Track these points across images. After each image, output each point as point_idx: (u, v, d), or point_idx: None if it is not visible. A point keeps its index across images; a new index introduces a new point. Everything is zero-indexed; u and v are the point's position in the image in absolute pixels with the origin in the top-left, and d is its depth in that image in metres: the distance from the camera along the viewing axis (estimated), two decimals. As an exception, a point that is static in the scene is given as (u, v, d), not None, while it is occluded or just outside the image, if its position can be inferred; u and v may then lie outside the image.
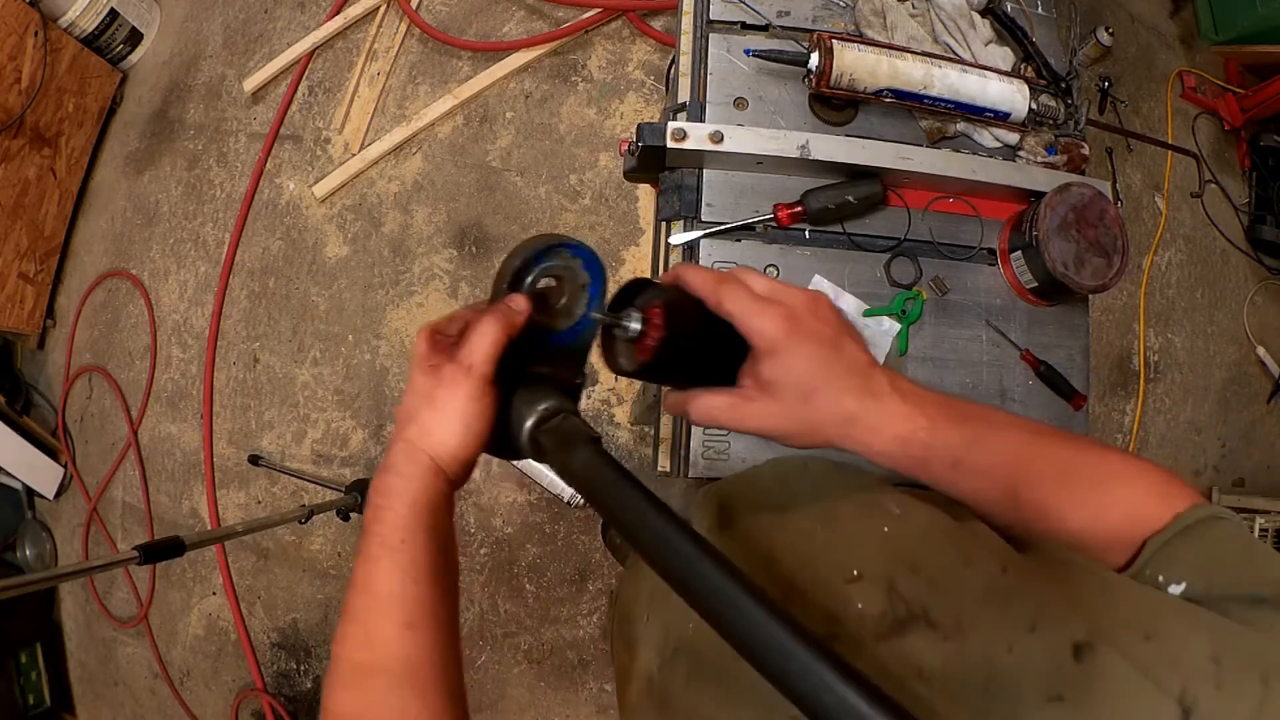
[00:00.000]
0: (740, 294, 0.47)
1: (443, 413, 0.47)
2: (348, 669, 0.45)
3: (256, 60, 2.26)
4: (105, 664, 2.09)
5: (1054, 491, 0.46)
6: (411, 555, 0.46)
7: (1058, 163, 0.97)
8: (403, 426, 0.48)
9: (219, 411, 2.08)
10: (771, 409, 0.47)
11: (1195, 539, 0.41)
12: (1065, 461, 0.48)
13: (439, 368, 0.47)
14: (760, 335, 0.47)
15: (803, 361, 0.46)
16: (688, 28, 0.96)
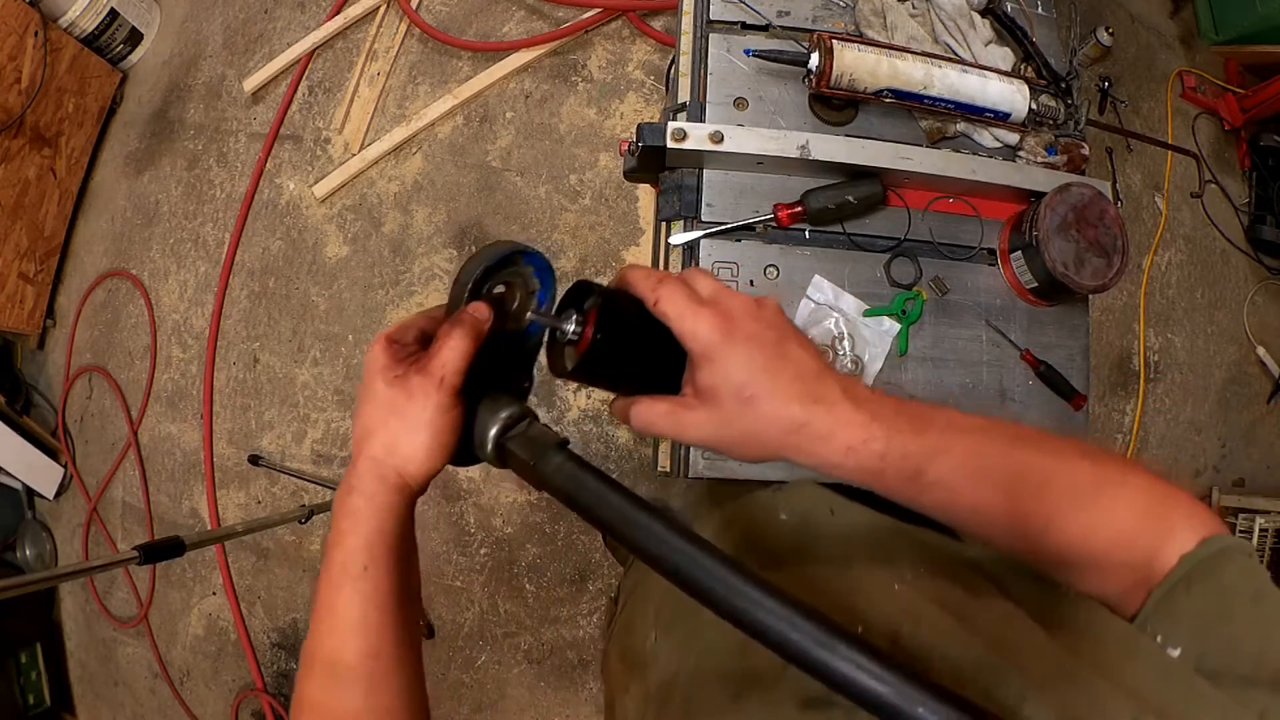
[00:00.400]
0: (678, 295, 0.45)
1: (412, 426, 0.46)
2: (315, 685, 0.46)
3: (256, 60, 2.26)
4: (105, 664, 2.09)
5: (1032, 506, 0.43)
6: (374, 582, 0.45)
7: (1058, 163, 0.97)
8: (364, 442, 0.46)
9: (219, 411, 2.08)
10: (710, 417, 0.44)
11: (1197, 594, 0.39)
12: (1045, 472, 0.44)
13: (405, 379, 0.46)
14: (694, 339, 0.44)
15: (740, 366, 0.43)
16: (688, 28, 0.96)
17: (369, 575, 0.45)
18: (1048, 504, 0.43)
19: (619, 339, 0.47)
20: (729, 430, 0.44)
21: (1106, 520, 0.42)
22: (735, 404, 0.43)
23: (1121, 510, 0.43)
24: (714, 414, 0.44)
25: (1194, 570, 0.40)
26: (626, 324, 0.47)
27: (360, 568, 0.45)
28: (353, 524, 0.45)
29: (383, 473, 0.46)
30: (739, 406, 0.43)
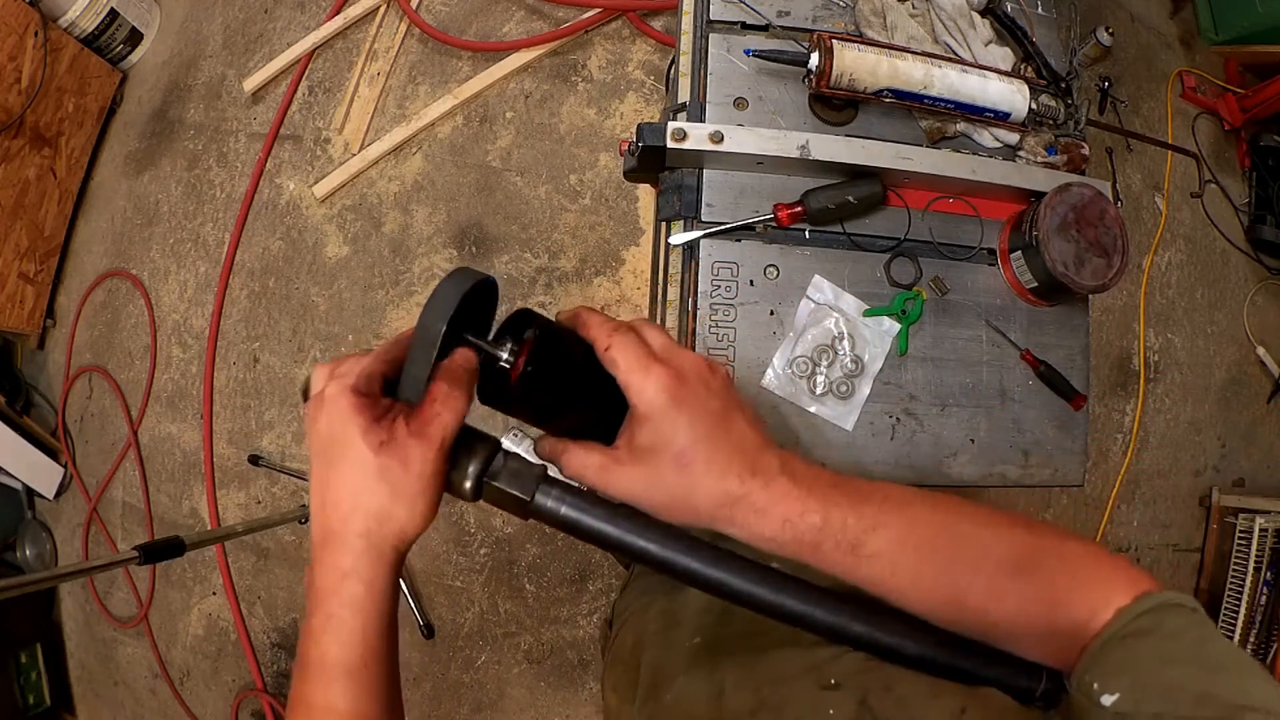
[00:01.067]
0: (630, 347, 0.44)
1: (409, 494, 0.42)
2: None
3: (256, 60, 2.26)
4: (105, 664, 2.09)
5: (970, 578, 0.43)
6: (375, 674, 0.42)
7: (1058, 163, 0.97)
8: (350, 516, 0.42)
9: (219, 411, 2.08)
10: (642, 476, 0.44)
11: (1135, 642, 0.39)
12: (981, 543, 0.44)
13: (397, 445, 0.41)
14: (640, 395, 0.43)
15: (682, 432, 0.43)
16: (688, 28, 0.96)
17: (369, 670, 0.42)
18: (984, 574, 0.43)
19: (553, 374, 0.46)
20: (659, 492, 0.44)
21: (1044, 588, 0.42)
22: (671, 468, 0.43)
23: (1059, 577, 0.42)
24: (647, 473, 0.43)
25: (1131, 622, 0.39)
26: (564, 361, 0.47)
27: (361, 662, 0.41)
28: (350, 612, 0.41)
29: (380, 550, 0.42)
30: (674, 471, 0.43)
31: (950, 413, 0.93)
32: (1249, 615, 1.88)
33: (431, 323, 0.44)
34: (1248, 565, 1.90)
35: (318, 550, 0.43)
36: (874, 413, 0.92)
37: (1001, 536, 0.44)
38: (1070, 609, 0.41)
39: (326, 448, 0.42)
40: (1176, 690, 0.36)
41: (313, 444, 0.44)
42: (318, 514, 0.43)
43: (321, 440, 0.43)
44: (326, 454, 0.42)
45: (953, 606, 0.44)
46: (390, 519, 0.42)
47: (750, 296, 0.91)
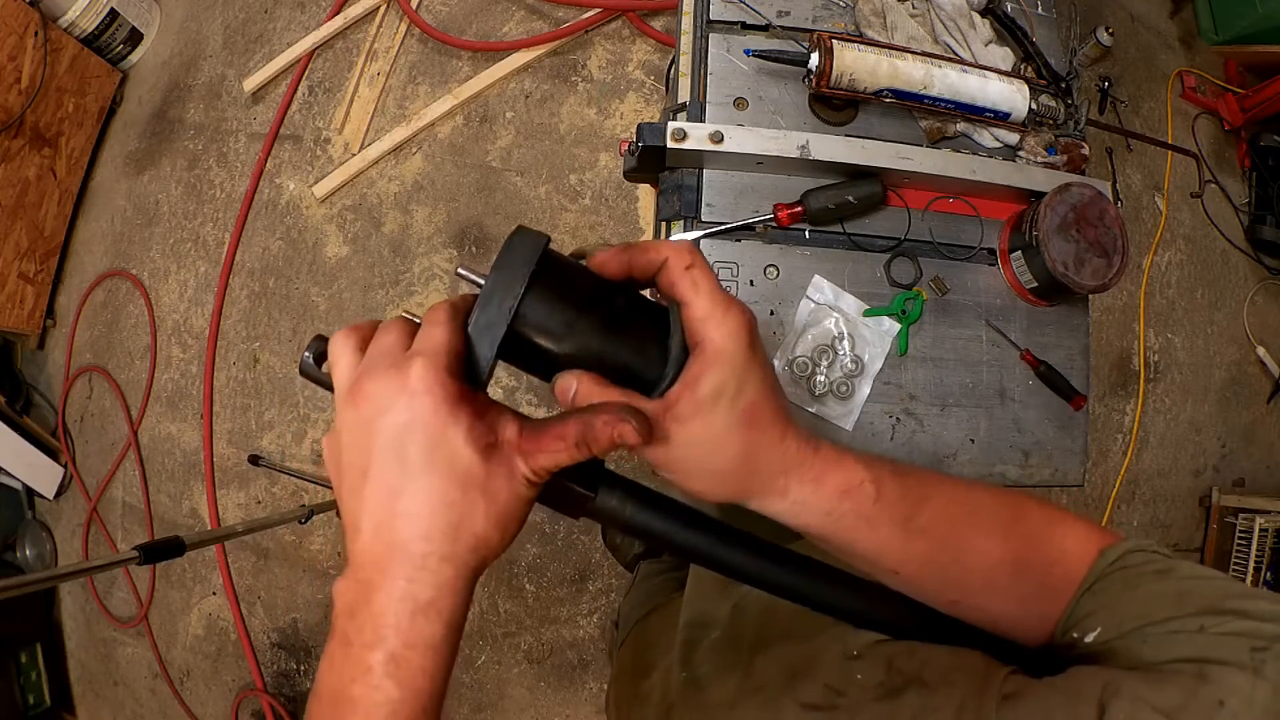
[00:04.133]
0: (710, 282, 0.38)
1: (503, 515, 0.35)
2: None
3: (256, 60, 2.26)
4: (105, 664, 2.09)
5: (998, 554, 0.42)
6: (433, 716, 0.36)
7: (1058, 163, 0.97)
8: (434, 537, 0.34)
9: (219, 411, 2.08)
10: (704, 435, 0.37)
11: (1100, 588, 0.40)
12: (1004, 519, 0.43)
13: (498, 451, 0.35)
14: (720, 330, 0.36)
15: (753, 383, 0.37)
16: (688, 28, 0.96)
17: (428, 714, 0.35)
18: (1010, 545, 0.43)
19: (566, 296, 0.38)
20: (720, 456, 0.38)
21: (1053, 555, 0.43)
22: (740, 424, 0.37)
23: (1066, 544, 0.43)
24: (709, 430, 0.37)
25: (1097, 575, 0.41)
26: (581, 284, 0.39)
27: (420, 709, 0.34)
28: (426, 656, 0.34)
29: (466, 579, 0.35)
30: (742, 428, 0.37)
31: (950, 413, 0.93)
32: (1249, 615, 1.88)
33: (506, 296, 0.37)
34: (1248, 565, 1.90)
35: (375, 571, 0.34)
36: (874, 413, 0.92)
37: (1013, 509, 0.44)
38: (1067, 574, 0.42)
39: (404, 444, 0.34)
40: (1152, 602, 0.37)
41: (370, 438, 0.34)
42: (376, 527, 0.35)
43: (397, 434, 0.34)
44: (403, 452, 0.34)
45: (985, 584, 0.43)
46: (484, 540, 0.35)
47: (750, 296, 0.91)
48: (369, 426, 0.35)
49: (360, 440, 0.35)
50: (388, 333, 0.37)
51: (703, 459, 0.38)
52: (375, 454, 0.35)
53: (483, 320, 0.37)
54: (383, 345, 0.37)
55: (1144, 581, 0.39)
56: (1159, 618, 0.36)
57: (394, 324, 0.38)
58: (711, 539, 0.42)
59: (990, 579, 0.42)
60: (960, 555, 0.42)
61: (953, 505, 0.42)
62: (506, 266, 0.37)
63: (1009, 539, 0.43)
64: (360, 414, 0.35)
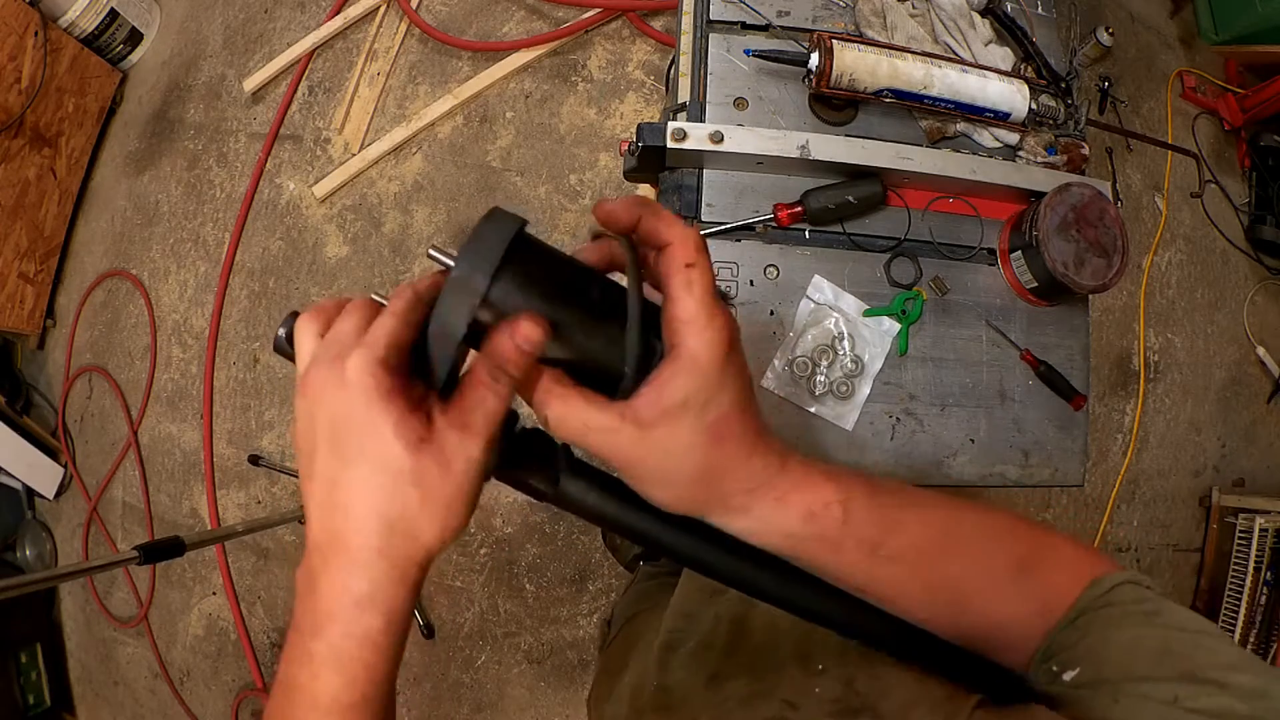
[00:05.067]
0: (705, 285, 0.35)
1: (442, 502, 0.34)
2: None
3: (256, 60, 2.26)
4: (105, 664, 2.09)
5: (974, 582, 0.41)
6: (376, 709, 0.36)
7: (1058, 163, 0.97)
8: (368, 528, 0.34)
9: (219, 411, 2.08)
10: (665, 445, 0.35)
11: (1089, 620, 0.39)
12: (987, 546, 0.42)
13: (430, 441, 0.33)
14: (701, 338, 0.34)
15: (727, 395, 0.35)
16: (688, 28, 0.96)
17: (370, 705, 0.35)
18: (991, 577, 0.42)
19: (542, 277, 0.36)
20: (681, 467, 0.36)
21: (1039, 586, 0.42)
22: (704, 437, 0.35)
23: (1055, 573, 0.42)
24: (671, 441, 0.35)
25: (1085, 606, 0.39)
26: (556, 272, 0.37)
27: (361, 699, 0.35)
28: (363, 648, 0.34)
29: (404, 571, 0.34)
30: (707, 442, 0.36)
31: (950, 413, 0.93)
32: (1249, 615, 1.88)
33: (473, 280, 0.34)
34: (1248, 565, 1.90)
35: (319, 558, 0.35)
36: (874, 413, 0.92)
37: (997, 536, 0.43)
38: (1053, 606, 0.41)
39: (339, 436, 0.34)
40: (1134, 651, 0.36)
41: (314, 427, 0.35)
42: (319, 515, 0.35)
43: (332, 426, 0.34)
44: (338, 444, 0.34)
45: (954, 610, 0.42)
46: (420, 533, 0.34)
47: (750, 296, 0.91)
48: (312, 416, 0.35)
49: (306, 428, 0.36)
50: (346, 319, 0.37)
51: (663, 467, 0.37)
52: (318, 444, 0.35)
53: (445, 309, 0.35)
54: (336, 333, 0.36)
55: (1130, 623, 0.38)
56: (1137, 674, 0.35)
57: (355, 308, 0.37)
58: (677, 531, 0.41)
59: (965, 604, 0.41)
60: (932, 581, 0.41)
61: (929, 530, 0.41)
62: (476, 251, 0.34)
63: (991, 564, 0.42)
64: (306, 402, 0.35)
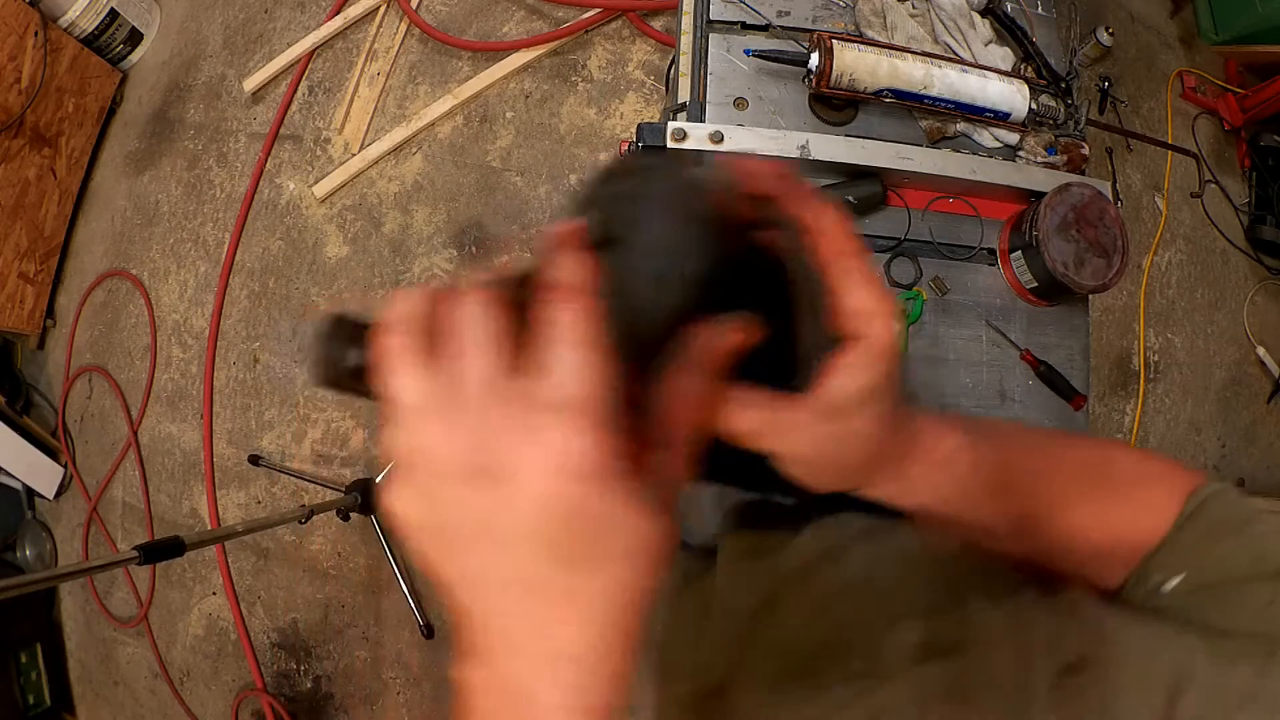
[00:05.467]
0: (873, 271, 0.33)
1: (639, 557, 0.27)
2: None
3: (256, 60, 2.26)
4: (105, 664, 2.09)
5: (1075, 506, 0.42)
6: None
7: (1058, 163, 0.97)
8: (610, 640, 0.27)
9: (219, 411, 2.08)
10: (851, 432, 0.34)
11: (1188, 530, 0.40)
12: (1093, 474, 0.43)
13: (668, 510, 0.28)
14: (873, 325, 0.32)
15: (895, 380, 0.34)
16: (688, 28, 0.96)
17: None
18: (1091, 500, 0.43)
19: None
20: (848, 449, 0.35)
21: (1139, 507, 0.43)
22: (878, 422, 0.35)
23: (1154, 493, 0.43)
24: (851, 427, 0.34)
25: (1182, 520, 0.41)
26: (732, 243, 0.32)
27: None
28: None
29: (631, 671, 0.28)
30: (881, 425, 0.35)
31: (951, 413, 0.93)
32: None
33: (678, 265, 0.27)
34: (1248, 565, 1.90)
35: (515, 679, 0.28)
36: (874, 413, 0.92)
37: (1101, 463, 0.44)
38: (1153, 526, 0.41)
39: (561, 537, 0.26)
40: (1231, 557, 0.38)
41: (504, 525, 0.26)
42: (528, 636, 0.28)
43: (546, 523, 0.26)
44: (557, 546, 0.26)
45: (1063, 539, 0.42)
46: (645, 610, 0.29)
47: (750, 296, 0.91)
48: (489, 511, 0.26)
49: (472, 521, 0.27)
50: (477, 344, 0.27)
51: (838, 455, 0.35)
52: (513, 547, 0.27)
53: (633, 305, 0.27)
54: (478, 372, 0.26)
55: (1226, 532, 0.39)
56: (1235, 577, 0.36)
57: (479, 321, 0.27)
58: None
59: (1072, 532, 0.42)
60: (1051, 512, 0.42)
61: (1043, 465, 0.42)
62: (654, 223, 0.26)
63: (1097, 491, 0.43)
64: (467, 491, 0.26)
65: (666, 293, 0.27)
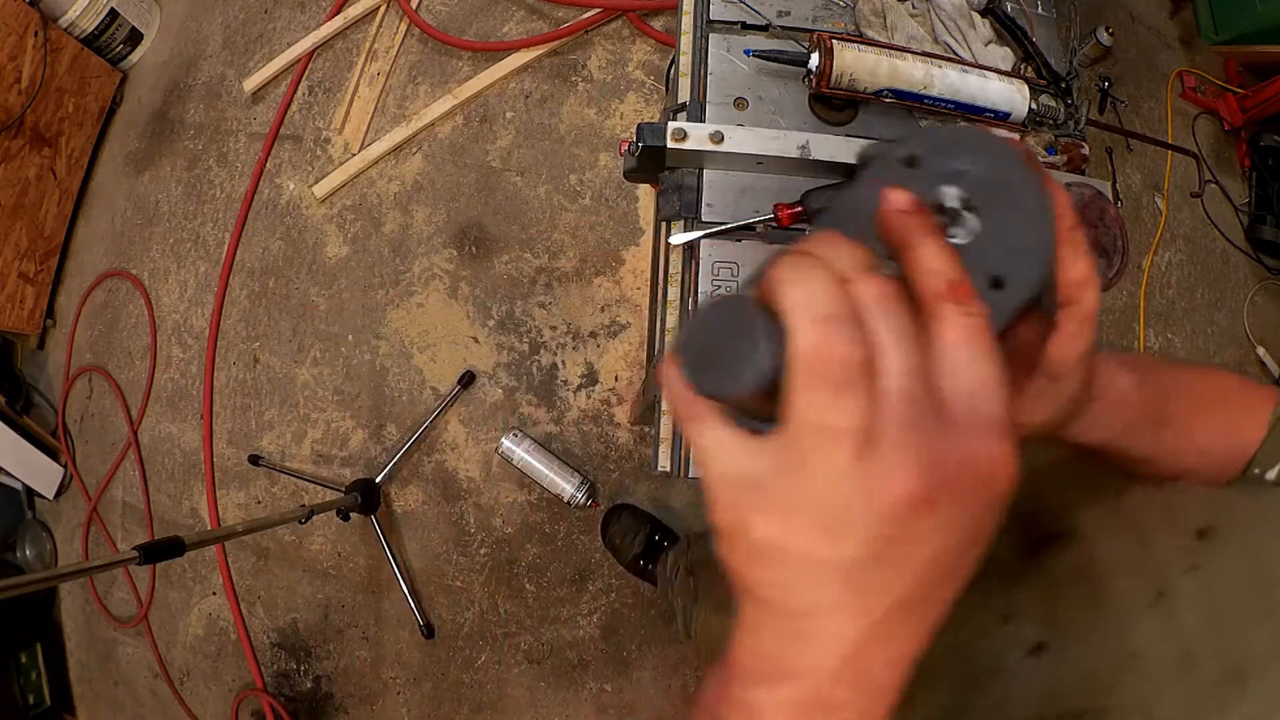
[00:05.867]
0: (1084, 242, 0.36)
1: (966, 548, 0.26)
2: None
3: (256, 60, 2.26)
4: (105, 664, 2.09)
5: (1211, 431, 0.44)
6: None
7: (1058, 163, 0.97)
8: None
9: (219, 411, 2.08)
10: (1070, 388, 0.38)
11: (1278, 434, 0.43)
12: (1215, 397, 0.46)
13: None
14: (1096, 300, 0.36)
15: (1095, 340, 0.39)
16: (688, 28, 0.96)
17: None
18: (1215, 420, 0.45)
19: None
20: (1071, 403, 0.39)
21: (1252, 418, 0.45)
22: (1087, 375, 0.38)
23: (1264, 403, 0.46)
24: (1073, 383, 0.38)
25: (1274, 421, 0.43)
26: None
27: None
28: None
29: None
30: (1089, 377, 0.39)
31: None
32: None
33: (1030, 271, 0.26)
34: (1248, 565, 1.89)
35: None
36: (874, 413, 0.92)
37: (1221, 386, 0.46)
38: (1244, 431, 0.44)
39: (979, 547, 0.26)
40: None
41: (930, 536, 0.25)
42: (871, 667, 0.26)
43: (980, 539, 0.26)
44: (972, 556, 0.26)
45: (1194, 459, 0.44)
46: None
47: (750, 296, 0.91)
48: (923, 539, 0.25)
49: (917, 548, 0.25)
50: (899, 348, 0.24)
51: (1054, 416, 0.38)
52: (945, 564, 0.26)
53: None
54: (908, 388, 0.24)
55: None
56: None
57: (893, 316, 0.25)
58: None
59: (1203, 454, 0.44)
60: (1190, 436, 0.43)
61: (1183, 393, 0.44)
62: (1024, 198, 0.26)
63: (1219, 411, 0.45)
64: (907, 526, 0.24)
65: (1032, 276, 0.26)
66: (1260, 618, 0.32)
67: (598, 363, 1.98)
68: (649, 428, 1.83)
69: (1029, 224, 0.27)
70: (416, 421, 1.97)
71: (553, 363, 1.99)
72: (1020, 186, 0.26)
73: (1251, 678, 0.30)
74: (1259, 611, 0.32)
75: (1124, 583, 0.38)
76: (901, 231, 0.27)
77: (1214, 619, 0.34)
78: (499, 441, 1.88)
